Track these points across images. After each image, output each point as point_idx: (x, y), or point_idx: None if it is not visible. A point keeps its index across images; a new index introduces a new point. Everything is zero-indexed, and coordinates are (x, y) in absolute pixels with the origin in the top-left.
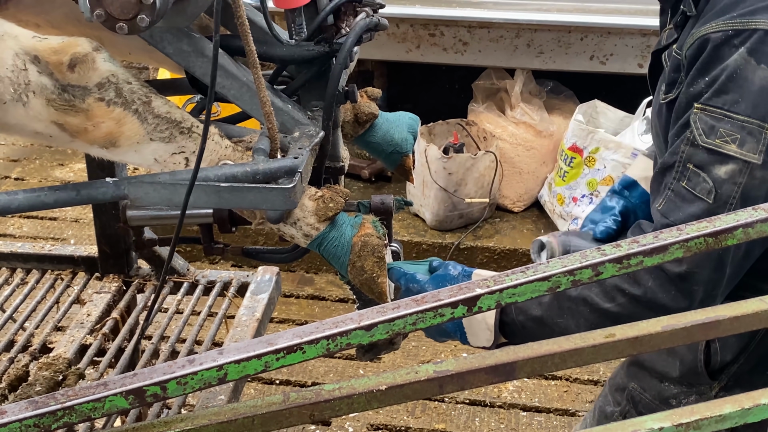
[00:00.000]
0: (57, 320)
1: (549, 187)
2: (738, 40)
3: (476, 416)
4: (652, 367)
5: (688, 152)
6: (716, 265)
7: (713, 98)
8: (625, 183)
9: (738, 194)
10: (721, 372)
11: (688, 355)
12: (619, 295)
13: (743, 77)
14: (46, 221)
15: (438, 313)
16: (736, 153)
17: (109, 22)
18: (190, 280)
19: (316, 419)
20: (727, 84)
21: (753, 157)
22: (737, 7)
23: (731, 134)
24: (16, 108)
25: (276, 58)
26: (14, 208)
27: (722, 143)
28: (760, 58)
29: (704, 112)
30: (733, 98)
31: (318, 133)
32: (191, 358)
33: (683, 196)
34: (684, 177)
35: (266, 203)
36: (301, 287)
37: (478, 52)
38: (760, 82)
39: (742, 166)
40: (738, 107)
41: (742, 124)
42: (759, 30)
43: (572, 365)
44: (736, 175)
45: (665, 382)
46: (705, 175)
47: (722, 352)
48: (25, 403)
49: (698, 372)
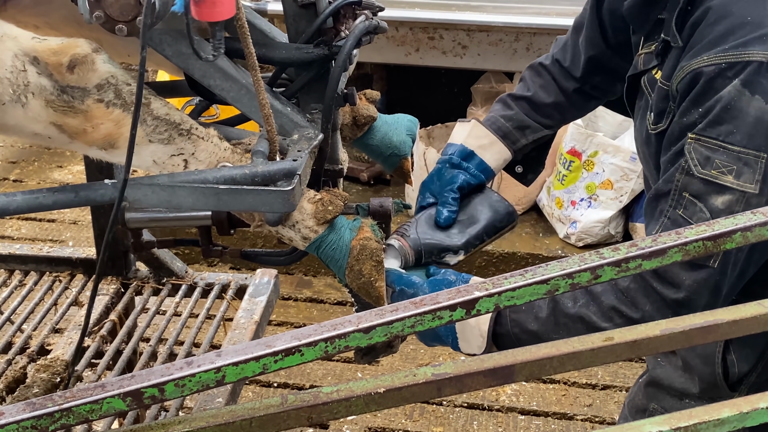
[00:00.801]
0: (55, 322)
1: (548, 191)
2: (732, 72)
3: (474, 419)
4: (671, 385)
5: (683, 181)
6: (713, 290)
7: (708, 129)
8: (462, 154)
9: None
10: (741, 383)
11: (705, 369)
12: (617, 317)
13: (738, 108)
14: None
15: (436, 315)
16: (733, 184)
17: (108, 24)
18: (189, 282)
19: (314, 422)
20: (721, 115)
21: (750, 187)
22: (728, 39)
23: (727, 165)
24: (15, 109)
25: (275, 61)
26: (13, 209)
27: (718, 174)
28: (755, 90)
29: (698, 142)
30: (728, 129)
31: (317, 136)
32: (189, 360)
33: (680, 225)
34: (680, 205)
35: (265, 206)
36: (300, 290)
37: (477, 56)
38: (755, 113)
39: (739, 196)
40: (733, 138)
41: (738, 155)
42: (753, 62)
43: (571, 368)
44: (732, 204)
45: (686, 399)
46: (702, 205)
47: (739, 363)
48: (23, 405)
49: (718, 385)
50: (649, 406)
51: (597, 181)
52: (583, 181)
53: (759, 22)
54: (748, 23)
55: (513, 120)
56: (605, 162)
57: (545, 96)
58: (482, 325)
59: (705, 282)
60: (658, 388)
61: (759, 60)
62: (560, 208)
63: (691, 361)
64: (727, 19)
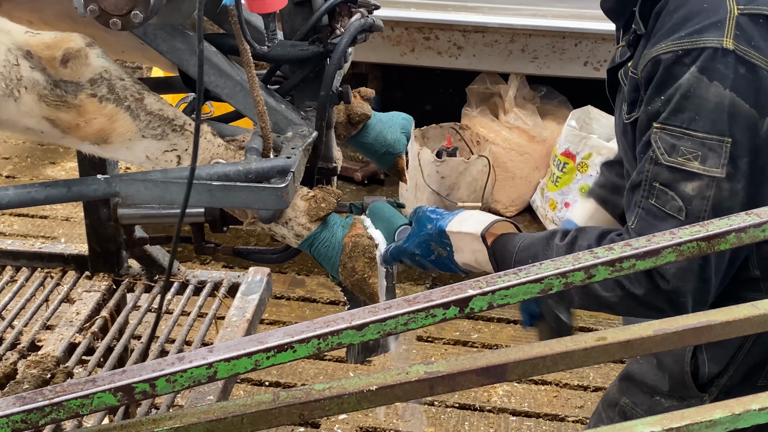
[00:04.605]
0: (46, 318)
1: (541, 192)
2: (689, 59)
3: (466, 420)
4: (643, 381)
5: (653, 171)
6: (699, 277)
7: (671, 117)
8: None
9: (708, 207)
10: (711, 384)
11: (675, 367)
12: (619, 289)
13: (698, 95)
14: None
15: (429, 313)
16: (699, 170)
17: (102, 18)
18: (181, 279)
19: (305, 419)
20: (682, 103)
21: (716, 172)
22: (685, 26)
23: (693, 152)
24: (7, 103)
25: (270, 58)
26: (5, 203)
27: (685, 161)
28: (712, 76)
29: (663, 131)
30: (690, 116)
31: (311, 134)
32: (181, 355)
33: (654, 214)
34: (652, 195)
35: (258, 202)
36: (292, 289)
37: (472, 57)
38: (714, 99)
39: (708, 181)
40: (696, 125)
41: (702, 141)
42: (708, 48)
43: (564, 368)
44: (703, 189)
45: (656, 396)
46: (672, 193)
47: (710, 364)
48: (13, 399)
49: (686, 385)
50: (620, 401)
51: (591, 183)
52: (576, 182)
53: (714, 9)
54: (704, 10)
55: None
56: (599, 164)
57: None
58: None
59: (688, 268)
60: (631, 382)
61: (713, 46)
62: (554, 210)
63: (663, 359)
64: (685, 6)
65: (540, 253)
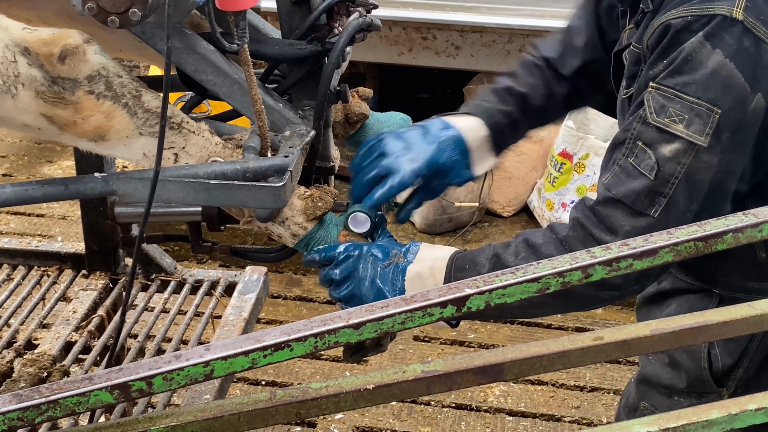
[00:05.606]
0: (43, 317)
1: (538, 193)
2: (697, 26)
3: (462, 420)
4: (659, 381)
5: (639, 129)
6: None
7: (667, 78)
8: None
9: (681, 174)
10: (727, 377)
11: (692, 364)
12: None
13: (697, 60)
14: (33, 218)
15: (427, 312)
16: (682, 133)
17: (100, 16)
18: (177, 278)
19: (302, 418)
20: (681, 65)
21: (699, 139)
22: None
23: (680, 114)
24: (4, 100)
25: (268, 57)
26: (1, 201)
27: (670, 122)
28: (716, 43)
29: (658, 91)
30: (685, 80)
31: (309, 133)
32: (178, 353)
33: (628, 172)
34: (632, 154)
35: (256, 201)
36: (289, 288)
37: (470, 57)
38: (712, 66)
39: (687, 146)
40: (689, 88)
41: (691, 105)
42: (717, 15)
43: (560, 367)
44: (680, 155)
45: (674, 395)
46: (651, 152)
47: (723, 357)
48: (9, 396)
49: (704, 380)
50: (640, 405)
51: (588, 183)
52: (573, 183)
53: None
54: None
55: (509, 117)
56: (596, 164)
57: (537, 98)
58: (437, 275)
59: (643, 230)
60: (648, 385)
61: (723, 14)
62: (551, 210)
63: (677, 357)
64: None
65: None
